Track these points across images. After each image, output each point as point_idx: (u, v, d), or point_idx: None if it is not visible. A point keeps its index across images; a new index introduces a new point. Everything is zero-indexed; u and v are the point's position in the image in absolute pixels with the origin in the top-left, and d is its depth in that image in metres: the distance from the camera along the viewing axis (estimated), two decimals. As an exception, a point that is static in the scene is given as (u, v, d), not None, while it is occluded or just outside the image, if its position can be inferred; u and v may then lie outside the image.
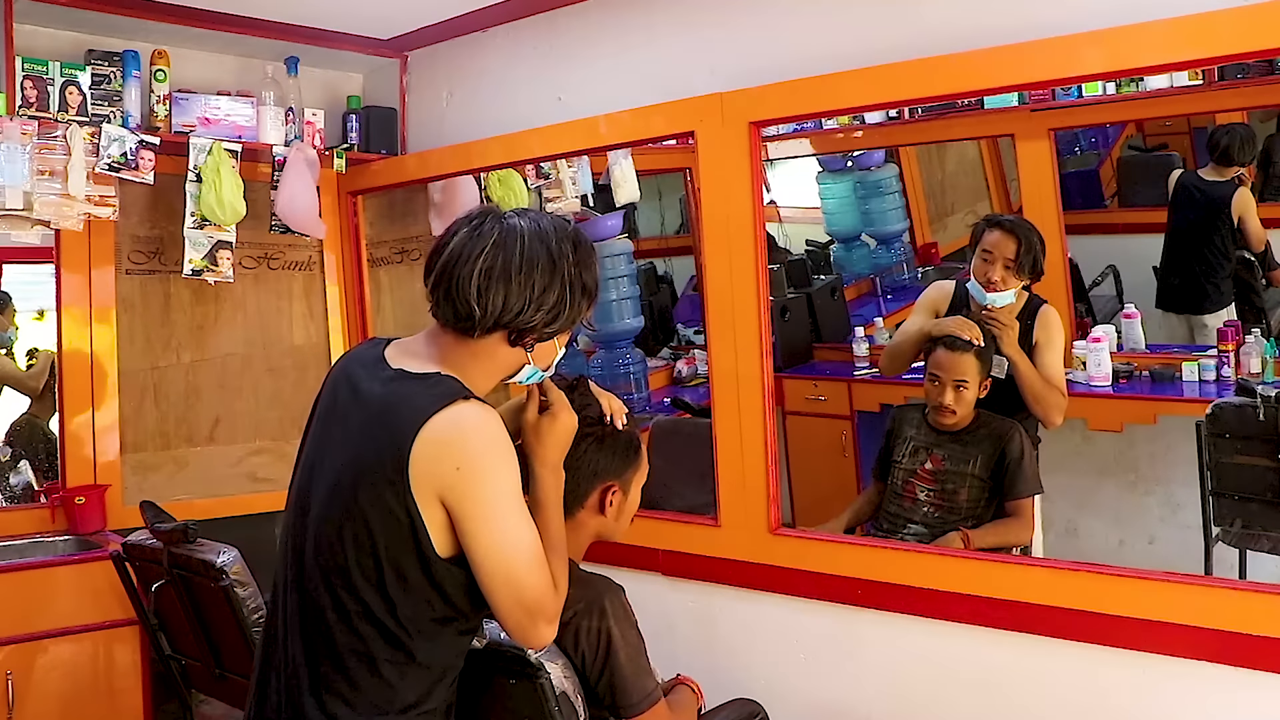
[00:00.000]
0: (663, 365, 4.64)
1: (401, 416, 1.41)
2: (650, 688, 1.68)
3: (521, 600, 1.41)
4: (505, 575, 1.40)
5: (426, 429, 1.38)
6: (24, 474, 3.50)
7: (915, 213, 4.86)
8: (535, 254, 1.46)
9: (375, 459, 1.41)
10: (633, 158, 3.65)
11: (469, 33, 3.31)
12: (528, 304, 1.46)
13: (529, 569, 1.41)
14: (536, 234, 1.48)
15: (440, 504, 1.40)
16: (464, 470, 1.38)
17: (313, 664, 1.45)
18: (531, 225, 1.49)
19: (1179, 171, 3.79)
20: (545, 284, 1.46)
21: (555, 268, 1.47)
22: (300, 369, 3.63)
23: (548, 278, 1.47)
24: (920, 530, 2.74)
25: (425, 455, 1.38)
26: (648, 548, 2.72)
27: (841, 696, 2.49)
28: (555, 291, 1.47)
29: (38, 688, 2.73)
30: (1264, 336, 3.29)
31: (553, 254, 1.47)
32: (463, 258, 1.46)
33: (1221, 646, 1.92)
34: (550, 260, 1.47)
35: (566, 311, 1.50)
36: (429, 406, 1.39)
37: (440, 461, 1.38)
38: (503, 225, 1.48)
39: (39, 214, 2.88)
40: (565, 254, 1.48)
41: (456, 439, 1.39)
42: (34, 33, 2.96)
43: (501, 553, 1.40)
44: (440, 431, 1.38)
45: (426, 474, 1.39)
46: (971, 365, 2.71)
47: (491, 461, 1.40)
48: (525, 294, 1.45)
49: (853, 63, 2.35)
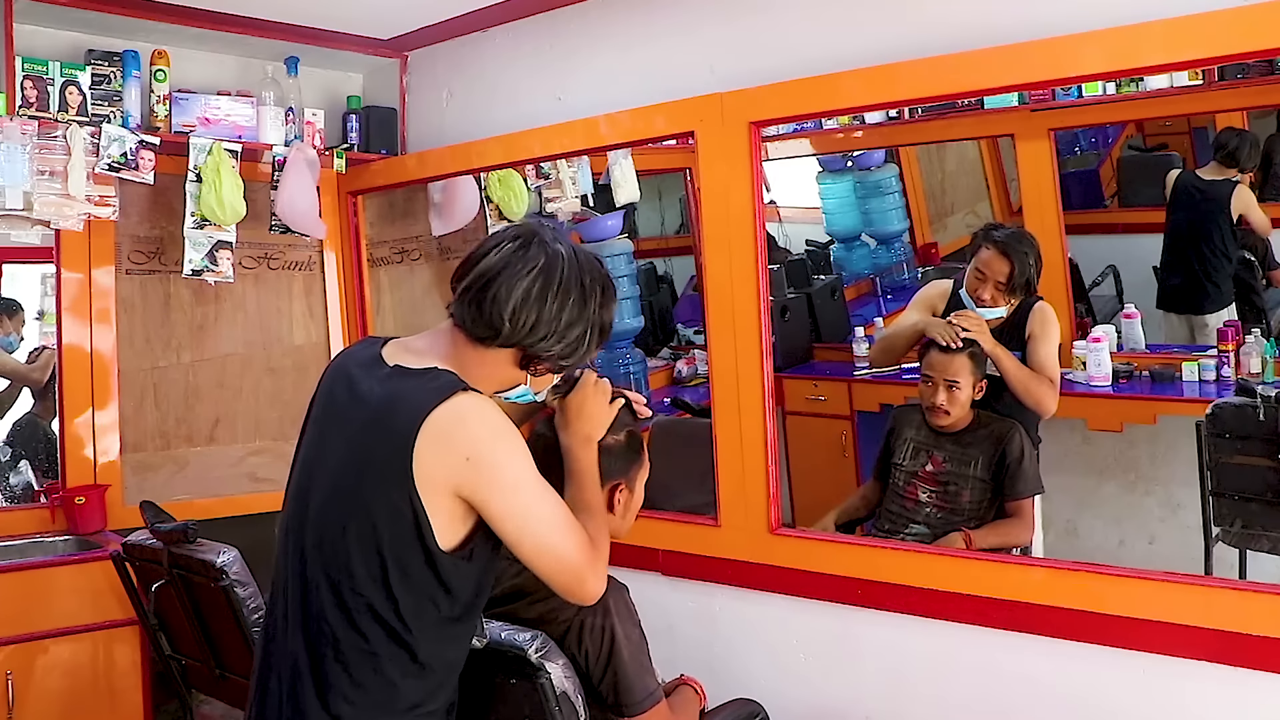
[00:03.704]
0: (663, 365, 4.64)
1: (402, 412, 1.42)
2: (652, 687, 1.68)
3: (564, 565, 1.48)
4: (542, 547, 1.47)
5: (429, 423, 1.40)
6: (24, 474, 3.49)
7: (915, 213, 4.86)
8: (570, 288, 1.50)
9: (378, 456, 1.43)
10: (633, 158, 3.65)
11: (469, 33, 3.31)
12: (552, 333, 1.50)
13: (563, 535, 1.48)
14: (576, 270, 1.51)
15: (454, 497, 1.42)
16: (474, 459, 1.41)
17: (315, 663, 1.46)
18: (573, 260, 1.52)
19: (1176, 171, 3.78)
20: (572, 319, 1.51)
21: (585, 306, 1.51)
22: (300, 369, 3.63)
23: (575, 313, 1.51)
24: (922, 530, 2.75)
25: (430, 450, 1.40)
26: (648, 548, 2.73)
27: (841, 696, 2.49)
28: (578, 328, 1.52)
29: (38, 688, 2.73)
30: (1264, 336, 3.29)
31: (585, 291, 1.51)
32: (505, 273, 1.48)
33: (1221, 646, 1.93)
34: (582, 298, 1.51)
35: (582, 349, 1.54)
36: (429, 401, 1.41)
37: (448, 455, 1.40)
38: (548, 253, 1.50)
39: (39, 214, 2.88)
40: (595, 294, 1.53)
41: (460, 431, 1.41)
42: (34, 33, 2.96)
43: (531, 528, 1.46)
44: (443, 425, 1.40)
45: (434, 469, 1.40)
46: (964, 365, 2.71)
47: (499, 444, 1.44)
48: (553, 324, 1.49)
49: (853, 63, 2.36)
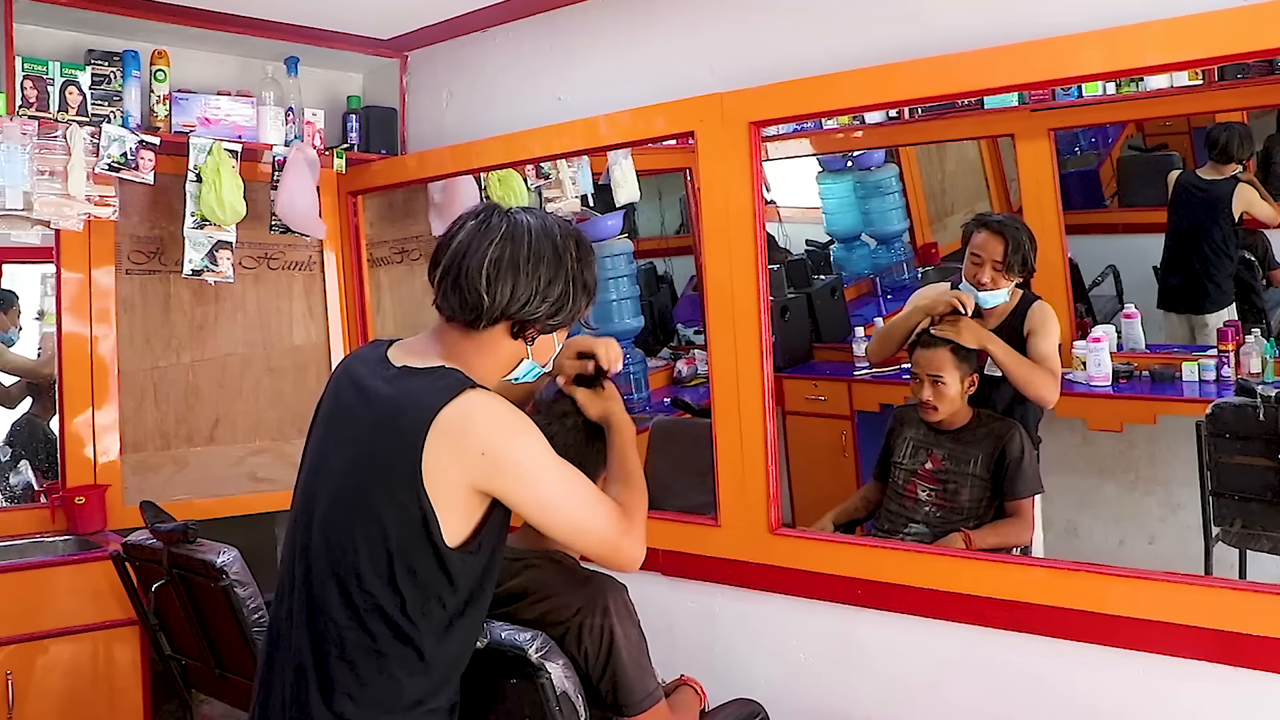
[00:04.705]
0: (663, 365, 4.65)
1: (411, 412, 1.44)
2: (652, 687, 1.68)
3: (599, 538, 1.53)
4: (572, 527, 1.52)
5: (438, 422, 1.41)
6: (24, 474, 3.49)
7: (915, 213, 4.86)
8: (541, 247, 1.51)
9: (386, 456, 1.44)
10: (633, 158, 3.65)
11: (469, 33, 3.31)
12: (534, 295, 1.51)
13: (593, 511, 1.52)
14: (542, 229, 1.53)
15: (472, 492, 1.44)
16: (490, 454, 1.43)
17: (320, 662, 1.46)
18: (537, 221, 1.54)
19: (1177, 172, 3.79)
20: (550, 276, 1.52)
21: (560, 262, 1.52)
22: (300, 369, 3.63)
23: (553, 270, 1.52)
24: (921, 530, 2.74)
25: (442, 449, 1.41)
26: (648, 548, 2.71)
27: (841, 696, 2.49)
28: (559, 285, 1.52)
29: (38, 688, 2.72)
30: (1264, 336, 3.29)
31: (558, 248, 1.53)
32: (472, 249, 1.50)
33: (1221, 646, 1.93)
34: (555, 254, 1.52)
35: (569, 306, 1.55)
36: (437, 401, 1.43)
37: (463, 453, 1.42)
38: (510, 220, 1.53)
39: (39, 214, 2.88)
40: (569, 249, 1.54)
41: (472, 428, 1.43)
42: (34, 33, 2.95)
43: (561, 512, 1.50)
44: (454, 424, 1.42)
45: (447, 467, 1.41)
46: (946, 359, 2.70)
47: (512, 437, 1.46)
48: (532, 285, 1.50)
49: (853, 63, 2.36)
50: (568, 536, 1.53)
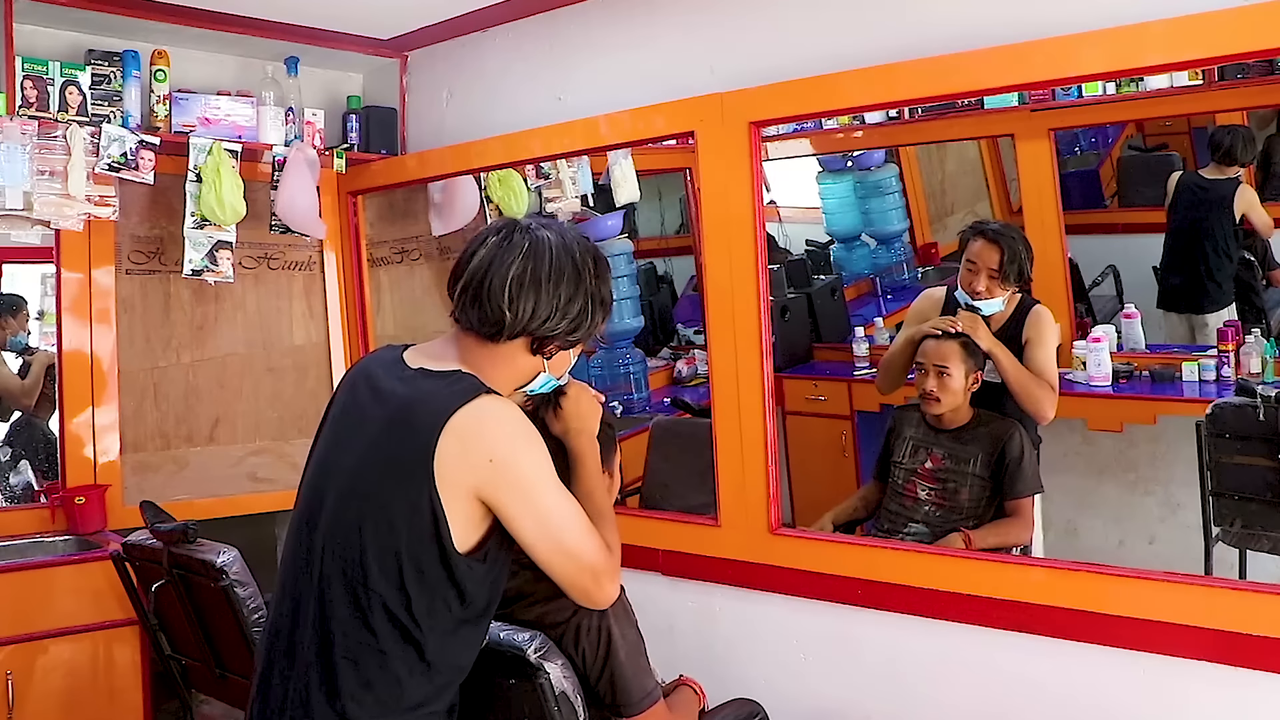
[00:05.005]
0: (663, 365, 4.64)
1: (425, 413, 1.44)
2: (650, 687, 1.68)
3: (580, 567, 1.50)
4: (559, 550, 1.49)
5: (451, 424, 1.42)
6: (24, 474, 3.49)
7: (915, 213, 4.86)
8: (562, 265, 1.53)
9: (399, 455, 1.45)
10: (633, 158, 3.65)
11: (469, 33, 3.31)
12: (554, 312, 1.52)
13: (580, 539, 1.50)
14: (563, 246, 1.54)
15: (473, 499, 1.44)
16: (497, 461, 1.44)
17: (324, 661, 1.46)
18: (557, 238, 1.55)
19: (1179, 173, 3.79)
20: (570, 294, 1.53)
21: (580, 279, 1.54)
22: (300, 369, 3.63)
23: (573, 288, 1.53)
24: (921, 529, 2.74)
25: (453, 451, 1.42)
26: (648, 548, 2.73)
27: (841, 696, 2.49)
28: (579, 302, 1.54)
29: (38, 688, 2.73)
30: (1264, 336, 3.29)
31: (577, 265, 1.54)
32: (494, 265, 1.52)
33: (1221, 646, 1.93)
34: (575, 272, 1.54)
35: (588, 322, 1.57)
36: (452, 402, 1.44)
37: (470, 456, 1.42)
38: (532, 236, 1.54)
39: (39, 214, 2.88)
40: (588, 266, 1.56)
41: (483, 433, 1.44)
42: (34, 33, 2.96)
43: (550, 530, 1.48)
44: (465, 426, 1.42)
45: (456, 470, 1.42)
46: (954, 351, 2.70)
47: (520, 447, 1.46)
48: (553, 302, 1.52)
49: (853, 63, 2.36)
50: (550, 558, 1.50)
